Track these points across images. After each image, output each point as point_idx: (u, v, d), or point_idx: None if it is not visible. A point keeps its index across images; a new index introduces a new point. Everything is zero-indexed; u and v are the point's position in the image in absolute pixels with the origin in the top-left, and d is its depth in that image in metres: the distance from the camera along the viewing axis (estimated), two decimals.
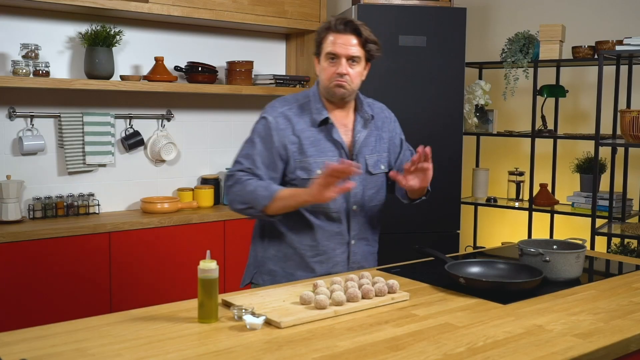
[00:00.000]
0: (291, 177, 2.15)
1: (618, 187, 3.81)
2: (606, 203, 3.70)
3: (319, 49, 2.15)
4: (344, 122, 2.21)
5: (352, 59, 2.11)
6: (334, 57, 2.10)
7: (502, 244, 3.81)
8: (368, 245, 2.29)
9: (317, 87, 2.22)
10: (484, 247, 4.20)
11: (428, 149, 2.04)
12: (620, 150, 3.80)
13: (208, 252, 1.68)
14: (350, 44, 2.09)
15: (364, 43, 2.11)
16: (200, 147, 3.97)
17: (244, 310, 1.65)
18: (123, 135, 3.66)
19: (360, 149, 2.20)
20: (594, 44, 3.82)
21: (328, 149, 2.15)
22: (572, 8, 4.18)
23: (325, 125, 2.16)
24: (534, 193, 4.09)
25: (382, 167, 2.26)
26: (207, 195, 3.79)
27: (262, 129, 2.16)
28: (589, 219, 3.68)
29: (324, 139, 2.16)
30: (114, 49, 3.45)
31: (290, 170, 2.14)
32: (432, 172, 2.10)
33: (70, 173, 3.51)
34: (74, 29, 3.48)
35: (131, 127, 3.69)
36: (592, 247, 3.53)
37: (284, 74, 4.26)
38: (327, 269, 2.19)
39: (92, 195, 3.53)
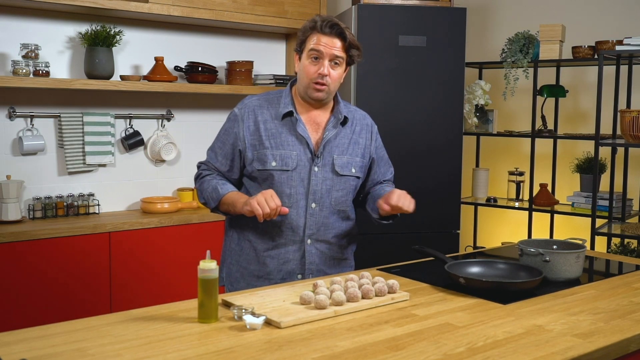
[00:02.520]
0: (249, 170, 2.17)
1: (618, 187, 3.81)
2: (606, 203, 3.70)
3: (301, 46, 2.13)
4: (317, 119, 2.19)
5: (334, 61, 2.09)
6: (317, 56, 2.08)
7: (502, 244, 3.81)
8: (330, 250, 2.21)
9: (290, 85, 2.22)
10: (484, 247, 4.21)
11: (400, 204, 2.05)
12: (620, 150, 3.80)
13: (208, 252, 1.69)
14: (334, 46, 2.08)
15: (347, 47, 2.10)
16: (200, 147, 3.96)
17: (244, 310, 1.65)
18: (123, 135, 3.66)
19: (327, 146, 2.16)
20: (594, 44, 3.82)
21: (289, 143, 2.14)
22: (572, 8, 4.18)
23: (289, 117, 2.15)
24: (534, 193, 4.09)
25: (353, 170, 2.21)
26: None
27: (227, 121, 2.23)
28: (589, 219, 3.69)
29: (287, 133, 2.14)
30: (114, 49, 3.45)
31: (249, 162, 2.16)
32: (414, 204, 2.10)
33: (70, 173, 3.51)
34: (74, 29, 3.48)
35: (131, 127, 3.69)
36: (592, 247, 3.53)
37: (284, 74, 4.26)
38: (279, 265, 2.16)
39: (92, 195, 3.53)
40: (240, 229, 2.22)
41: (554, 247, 2.24)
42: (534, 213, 4.09)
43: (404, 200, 2.07)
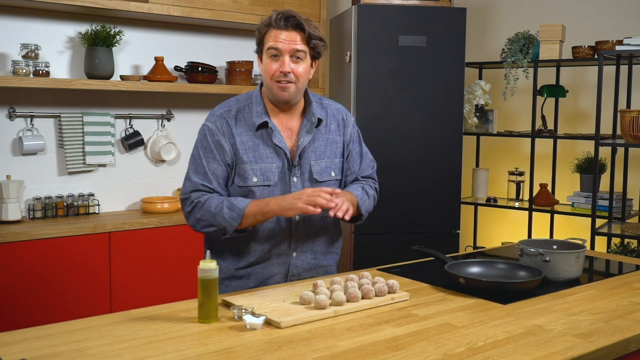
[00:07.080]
0: (230, 188, 2.05)
1: (618, 187, 3.81)
2: (606, 203, 3.70)
3: (260, 46, 2.02)
4: (289, 125, 2.07)
5: (296, 55, 1.97)
6: (276, 53, 1.96)
7: (502, 244, 3.81)
8: (315, 260, 2.13)
9: (260, 88, 2.10)
10: (484, 247, 4.20)
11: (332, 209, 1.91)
12: (620, 150, 3.80)
13: (208, 252, 1.69)
14: (293, 40, 1.96)
15: (307, 39, 1.98)
16: None
17: (244, 310, 1.65)
18: (123, 135, 3.66)
19: (303, 154, 2.06)
20: (594, 44, 3.82)
21: (267, 155, 2.02)
22: (572, 8, 4.18)
23: (265, 129, 2.03)
24: (534, 193, 4.09)
25: (333, 174, 2.11)
26: None
27: (203, 138, 2.05)
28: (589, 219, 3.69)
29: (263, 144, 2.02)
30: (114, 49, 3.45)
31: (231, 177, 2.03)
32: (346, 205, 1.94)
33: (70, 173, 3.51)
34: (74, 29, 3.48)
35: (131, 127, 3.69)
36: (592, 247, 3.53)
37: None
38: (263, 279, 2.07)
39: (92, 195, 3.53)
40: (220, 248, 2.10)
41: (554, 247, 2.24)
42: (534, 213, 4.09)
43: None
